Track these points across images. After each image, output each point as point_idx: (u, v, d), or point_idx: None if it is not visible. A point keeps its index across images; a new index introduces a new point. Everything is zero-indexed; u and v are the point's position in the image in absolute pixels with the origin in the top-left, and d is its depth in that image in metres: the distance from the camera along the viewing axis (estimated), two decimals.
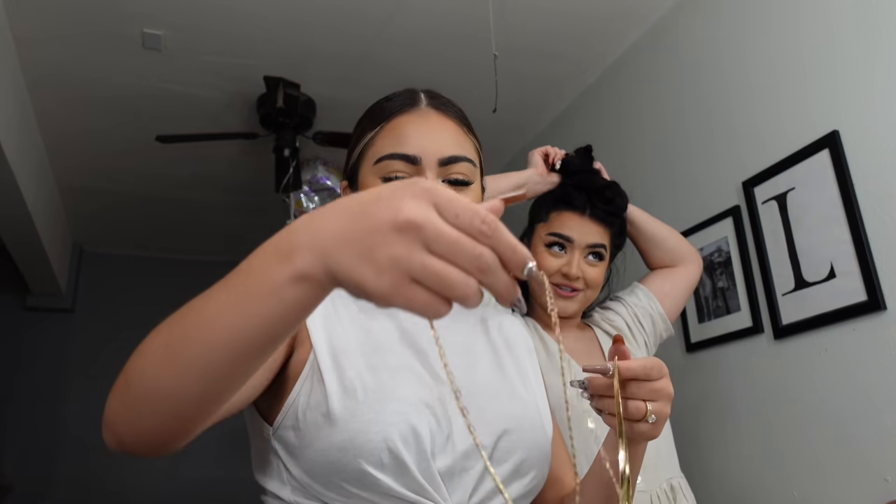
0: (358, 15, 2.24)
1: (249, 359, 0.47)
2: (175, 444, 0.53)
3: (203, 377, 0.47)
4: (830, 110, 1.64)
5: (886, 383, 1.45)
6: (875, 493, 1.43)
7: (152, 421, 0.50)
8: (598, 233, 1.35)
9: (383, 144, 0.79)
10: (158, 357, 0.49)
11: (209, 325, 0.46)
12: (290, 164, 2.72)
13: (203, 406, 0.50)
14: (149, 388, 0.49)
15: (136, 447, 0.52)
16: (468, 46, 2.36)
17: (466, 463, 0.71)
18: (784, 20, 1.81)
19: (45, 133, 2.91)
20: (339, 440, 0.66)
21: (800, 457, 1.63)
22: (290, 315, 0.45)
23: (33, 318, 4.15)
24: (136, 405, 0.50)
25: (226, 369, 0.47)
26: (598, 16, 2.31)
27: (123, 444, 0.52)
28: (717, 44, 2.05)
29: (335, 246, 0.42)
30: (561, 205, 1.39)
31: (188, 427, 0.51)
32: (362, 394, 0.68)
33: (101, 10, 2.18)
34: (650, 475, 1.26)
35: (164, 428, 0.51)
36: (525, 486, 0.75)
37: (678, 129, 2.19)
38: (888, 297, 1.46)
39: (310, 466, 0.67)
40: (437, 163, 0.78)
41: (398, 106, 0.82)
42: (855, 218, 1.53)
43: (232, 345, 0.46)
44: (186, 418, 0.50)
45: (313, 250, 0.43)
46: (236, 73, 2.58)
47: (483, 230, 0.40)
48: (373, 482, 0.66)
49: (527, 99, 2.83)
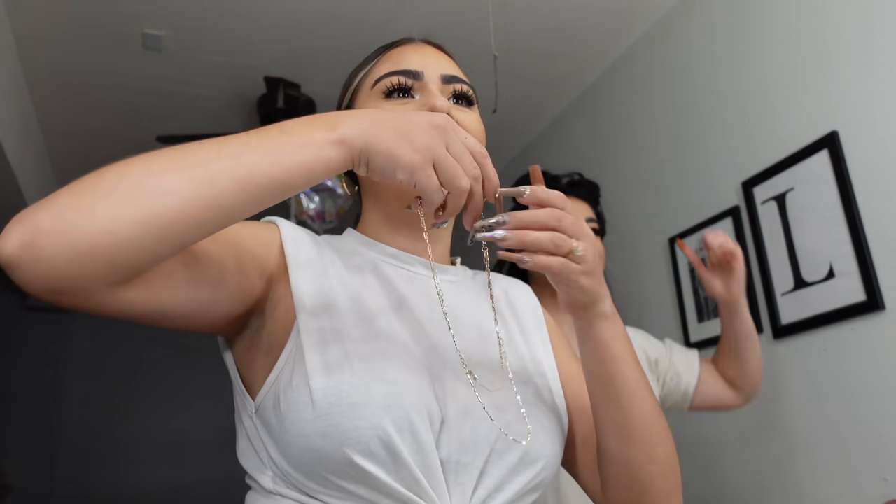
0: (358, 15, 2.24)
1: (254, 196, 0.50)
2: (109, 275, 0.47)
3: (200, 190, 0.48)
4: (830, 111, 1.65)
5: (885, 383, 1.45)
6: (874, 492, 1.44)
7: (109, 215, 0.44)
8: (585, 210, 1.44)
9: (382, 68, 0.76)
10: (160, 161, 0.49)
11: (231, 152, 0.50)
12: None
13: (176, 226, 0.47)
14: (131, 181, 0.46)
15: (51, 246, 0.43)
16: (468, 47, 2.35)
17: (467, 456, 0.62)
18: (783, 20, 1.81)
19: (46, 133, 2.91)
20: (322, 425, 0.57)
21: (799, 456, 1.64)
22: (316, 169, 0.53)
23: (33, 318, 4.15)
24: (102, 197, 0.45)
25: (229, 193, 0.49)
26: (598, 16, 2.32)
27: (35, 244, 0.43)
28: (716, 44, 2.05)
29: (378, 128, 0.55)
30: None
31: (143, 239, 0.46)
32: (349, 372, 0.59)
33: (102, 11, 2.18)
34: None
35: (121, 233, 0.45)
36: (531, 478, 0.66)
37: (678, 129, 2.19)
38: (887, 297, 1.46)
39: (291, 454, 0.59)
40: (439, 78, 0.75)
41: (393, 43, 0.80)
42: (854, 218, 1.53)
43: (248, 170, 0.50)
44: (157, 225, 0.46)
45: (357, 127, 0.55)
46: (236, 73, 2.58)
47: (481, 152, 0.60)
48: (361, 474, 0.58)
49: (526, 99, 2.83)
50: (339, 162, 0.54)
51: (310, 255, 0.68)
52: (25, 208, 0.45)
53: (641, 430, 0.67)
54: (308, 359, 0.60)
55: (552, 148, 2.99)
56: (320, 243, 0.72)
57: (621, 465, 0.68)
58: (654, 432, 0.67)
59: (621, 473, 0.69)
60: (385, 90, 0.74)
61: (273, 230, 0.69)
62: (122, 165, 0.48)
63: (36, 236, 0.43)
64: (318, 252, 0.70)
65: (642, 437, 0.67)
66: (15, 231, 0.44)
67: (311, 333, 0.62)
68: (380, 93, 0.74)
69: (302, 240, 0.69)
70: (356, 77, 0.80)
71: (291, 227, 0.70)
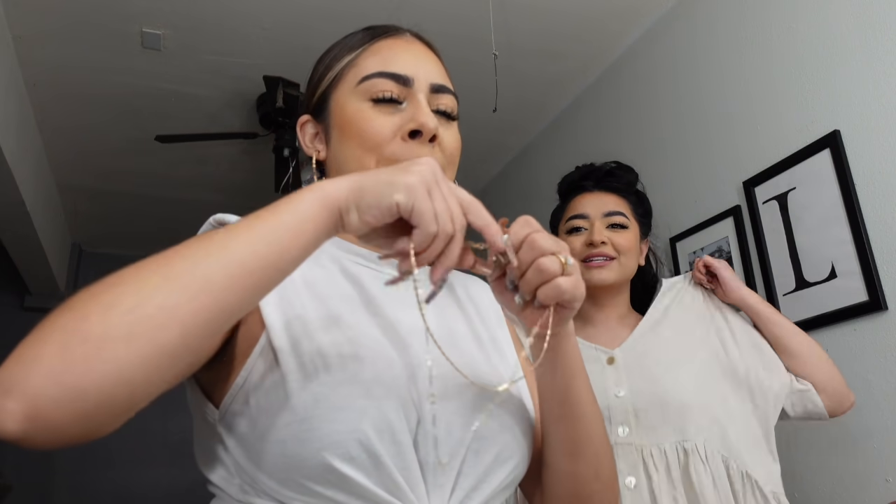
0: (358, 14, 2.23)
1: (250, 286, 0.48)
2: (119, 415, 0.43)
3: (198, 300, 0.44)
4: (831, 110, 1.64)
5: (887, 383, 1.45)
6: (875, 493, 1.43)
7: (113, 364, 0.40)
8: (614, 202, 1.34)
9: (368, 64, 0.73)
10: (149, 278, 0.44)
11: (222, 245, 0.48)
12: (290, 164, 2.71)
13: (184, 350, 0.44)
14: (124, 317, 0.41)
15: (61, 414, 0.40)
16: (468, 46, 2.35)
17: (444, 457, 0.61)
18: (784, 20, 1.80)
19: (45, 132, 2.90)
20: (299, 430, 0.55)
21: (801, 457, 1.63)
22: (303, 228, 0.50)
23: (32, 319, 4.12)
24: (98, 344, 0.40)
25: (226, 291, 0.46)
26: (599, 15, 2.31)
27: (40, 416, 0.39)
28: (717, 43, 2.04)
29: (363, 175, 0.53)
30: (570, 195, 1.39)
31: (153, 374, 0.43)
32: (325, 374, 0.58)
33: (101, 9, 2.18)
34: (647, 427, 1.17)
35: (125, 377, 0.41)
36: (505, 476, 0.65)
37: (679, 128, 2.18)
38: (889, 297, 1.46)
39: (264, 460, 0.56)
40: (428, 87, 0.73)
41: (381, 31, 0.77)
42: (856, 218, 1.53)
43: (239, 260, 0.47)
44: (161, 360, 0.43)
45: (338, 182, 0.53)
46: (236, 72, 2.57)
47: (464, 198, 0.54)
48: (340, 479, 0.56)
49: (527, 98, 2.82)
50: (326, 216, 0.51)
51: None
52: (5, 366, 0.40)
53: (591, 448, 0.68)
54: (282, 361, 0.58)
55: (553, 147, 2.98)
56: None
57: (568, 481, 0.69)
58: (601, 450, 0.69)
59: (566, 489, 0.69)
60: (373, 97, 0.71)
61: None
62: (107, 295, 0.43)
63: (38, 408, 0.39)
64: None
65: (590, 455, 0.68)
66: (11, 404, 0.39)
67: (281, 335, 0.60)
68: (366, 95, 0.71)
69: None
70: (338, 63, 0.76)
71: None
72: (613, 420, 1.19)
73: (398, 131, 0.70)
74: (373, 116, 0.70)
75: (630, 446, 1.17)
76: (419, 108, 0.70)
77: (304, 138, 0.78)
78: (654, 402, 1.18)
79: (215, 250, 0.47)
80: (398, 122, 0.70)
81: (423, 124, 0.69)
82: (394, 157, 0.69)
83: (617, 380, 1.22)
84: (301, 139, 0.79)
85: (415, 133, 0.70)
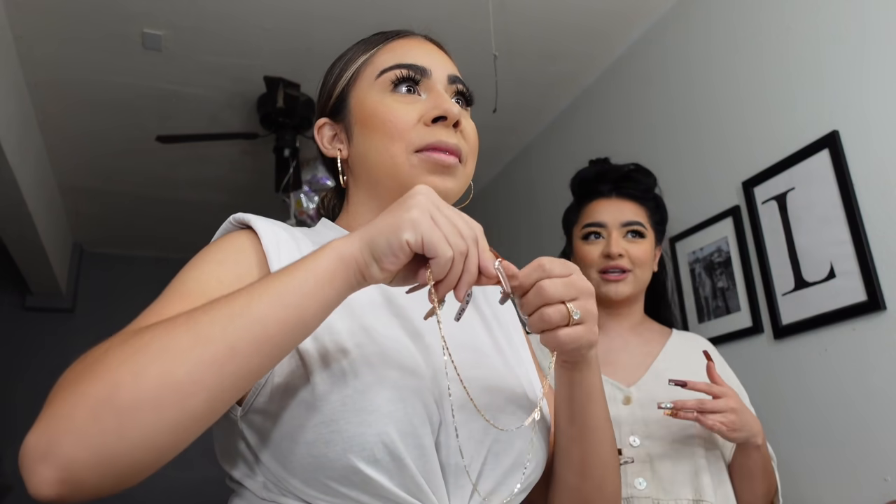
0: (358, 15, 2.24)
1: (275, 349, 0.49)
2: (146, 473, 0.46)
3: (225, 367, 0.46)
4: (830, 110, 1.64)
5: (886, 383, 1.45)
6: (874, 492, 1.43)
7: (143, 432, 0.43)
8: (632, 210, 1.32)
9: (385, 59, 0.74)
10: (176, 343, 0.45)
11: (241, 312, 0.48)
12: (290, 165, 2.72)
13: (212, 413, 0.47)
14: (153, 386, 0.43)
15: (94, 478, 0.42)
16: (468, 47, 2.36)
17: (465, 459, 0.62)
18: (784, 20, 1.81)
19: (46, 133, 2.91)
20: (326, 432, 0.56)
21: (799, 456, 1.63)
22: (321, 287, 0.52)
23: (33, 318, 4.15)
24: (129, 413, 0.43)
25: (251, 356, 0.47)
26: (598, 16, 2.32)
27: (74, 481, 0.42)
28: (714, 44, 2.05)
29: (369, 226, 0.55)
30: (587, 198, 1.37)
31: (181, 438, 0.46)
32: (352, 377, 0.58)
33: (102, 10, 2.18)
34: (664, 481, 1.14)
35: (155, 444, 0.44)
36: (523, 479, 0.67)
37: (678, 129, 2.19)
38: (888, 297, 1.46)
39: (290, 460, 0.58)
40: (446, 78, 0.74)
41: (394, 33, 0.79)
42: (855, 218, 1.53)
43: (262, 323, 0.48)
44: (188, 424, 0.46)
45: (347, 239, 0.54)
46: (236, 73, 2.58)
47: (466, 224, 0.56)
48: (363, 480, 0.57)
49: (526, 100, 2.83)
50: (344, 275, 0.53)
51: (291, 255, 0.65)
52: (37, 432, 0.43)
53: (600, 469, 0.71)
54: (308, 363, 0.59)
55: (551, 149, 2.98)
56: (297, 237, 0.70)
57: (573, 494, 0.72)
58: (608, 472, 0.71)
59: (570, 501, 0.72)
60: (393, 81, 0.72)
61: (247, 239, 0.66)
62: (136, 362, 0.45)
63: (72, 474, 0.42)
64: (298, 248, 0.68)
65: (599, 476, 0.71)
66: (46, 471, 0.42)
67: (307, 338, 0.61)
68: (386, 84, 0.73)
69: (280, 239, 0.67)
70: (354, 63, 0.78)
71: (267, 227, 0.67)
72: (630, 470, 1.14)
73: (421, 119, 0.71)
74: (395, 106, 0.72)
75: (647, 500, 1.13)
76: (440, 96, 0.72)
77: (323, 140, 0.79)
78: (671, 453, 1.15)
79: (238, 312, 0.48)
80: (420, 109, 0.72)
81: (447, 110, 0.70)
82: (421, 141, 0.70)
83: (632, 426, 1.17)
84: (319, 142, 0.79)
85: (437, 120, 0.71)
